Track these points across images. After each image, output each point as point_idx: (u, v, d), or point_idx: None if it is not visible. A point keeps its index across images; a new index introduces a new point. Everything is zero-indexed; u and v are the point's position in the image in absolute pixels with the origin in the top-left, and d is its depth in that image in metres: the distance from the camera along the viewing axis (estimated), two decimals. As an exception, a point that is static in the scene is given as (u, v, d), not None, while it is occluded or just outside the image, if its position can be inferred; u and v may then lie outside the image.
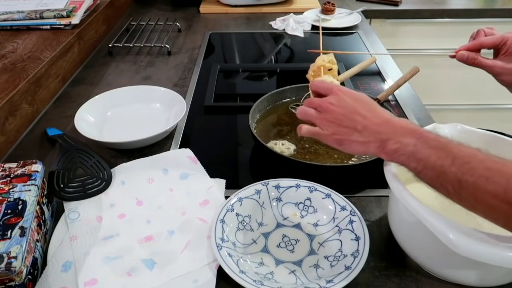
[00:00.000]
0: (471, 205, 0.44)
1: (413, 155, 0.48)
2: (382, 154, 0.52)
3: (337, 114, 0.54)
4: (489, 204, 0.42)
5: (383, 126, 0.52)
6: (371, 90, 1.01)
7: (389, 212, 0.61)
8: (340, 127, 0.54)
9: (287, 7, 1.56)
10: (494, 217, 0.43)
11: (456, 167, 0.44)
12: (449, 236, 0.45)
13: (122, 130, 0.86)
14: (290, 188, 0.67)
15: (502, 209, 0.41)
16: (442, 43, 1.70)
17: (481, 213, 0.44)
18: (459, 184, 0.44)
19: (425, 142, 0.48)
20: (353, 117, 0.53)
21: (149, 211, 0.66)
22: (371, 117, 0.53)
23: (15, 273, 0.48)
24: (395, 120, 0.52)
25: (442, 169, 0.45)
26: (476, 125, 0.65)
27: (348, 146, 0.54)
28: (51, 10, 1.13)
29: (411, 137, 0.49)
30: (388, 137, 0.50)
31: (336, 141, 0.55)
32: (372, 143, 0.52)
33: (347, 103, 0.54)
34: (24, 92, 0.87)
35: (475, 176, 0.43)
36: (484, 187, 0.42)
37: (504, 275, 0.51)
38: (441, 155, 0.46)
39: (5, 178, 0.59)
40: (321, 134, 0.56)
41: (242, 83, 1.14)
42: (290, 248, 0.61)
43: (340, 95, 0.55)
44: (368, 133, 0.52)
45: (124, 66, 1.16)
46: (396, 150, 0.50)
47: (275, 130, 0.84)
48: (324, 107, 0.55)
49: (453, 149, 0.46)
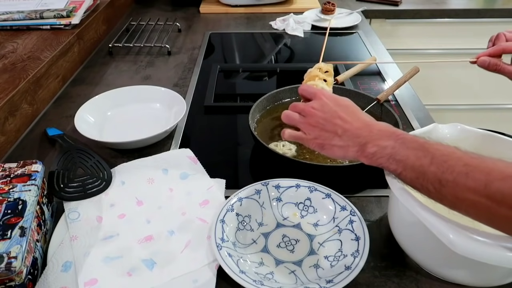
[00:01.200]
0: (453, 203, 0.44)
1: (392, 157, 0.48)
2: (361, 157, 0.52)
3: (319, 118, 0.55)
4: (470, 201, 0.42)
5: (362, 130, 0.52)
6: (371, 90, 1.01)
7: (389, 212, 0.61)
8: (322, 131, 0.54)
9: (287, 7, 1.56)
10: (477, 214, 0.43)
11: (435, 166, 0.44)
12: (449, 236, 0.44)
13: (122, 130, 0.86)
14: (290, 188, 0.67)
15: (483, 204, 0.41)
16: (442, 43, 1.70)
17: (463, 211, 0.44)
18: (439, 183, 0.44)
19: (403, 144, 0.48)
20: (334, 122, 0.54)
21: (149, 211, 0.66)
22: (351, 121, 0.53)
23: (15, 273, 0.48)
24: (374, 123, 0.53)
25: (422, 169, 0.45)
26: (476, 125, 0.65)
27: (329, 150, 0.55)
28: (51, 10, 1.13)
29: (388, 139, 0.50)
30: (367, 141, 0.51)
31: (317, 145, 0.55)
32: (351, 147, 0.52)
33: (329, 107, 0.55)
34: (24, 92, 0.87)
35: (455, 174, 0.43)
36: (464, 183, 0.42)
37: (504, 275, 0.51)
38: (419, 155, 0.46)
39: (5, 178, 0.59)
40: (304, 138, 0.57)
41: (242, 83, 1.14)
42: (290, 248, 0.61)
43: (323, 100, 0.56)
44: (348, 137, 0.53)
45: (124, 66, 1.16)
46: (375, 153, 0.50)
47: (275, 130, 0.84)
48: (307, 111, 0.56)
49: (430, 148, 0.46)
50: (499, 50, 0.73)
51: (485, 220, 0.43)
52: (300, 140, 0.58)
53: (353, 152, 0.52)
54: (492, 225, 0.43)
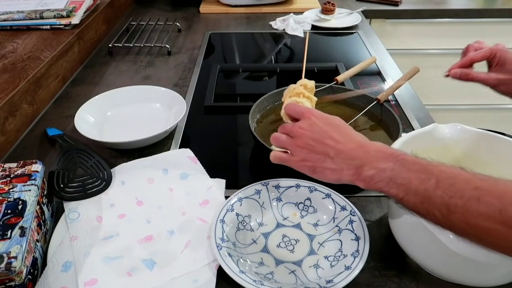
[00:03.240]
0: (463, 230, 0.40)
1: (392, 180, 0.45)
2: (358, 181, 0.48)
3: (308, 139, 0.51)
4: (483, 228, 0.39)
5: (357, 151, 0.48)
6: (371, 90, 1.01)
7: (389, 212, 0.61)
8: (312, 153, 0.50)
9: (287, 7, 1.56)
10: (490, 241, 0.39)
11: (442, 190, 0.41)
12: (449, 236, 0.45)
13: (122, 130, 0.86)
14: (290, 188, 0.67)
15: (498, 231, 0.38)
16: (442, 43, 1.70)
17: (475, 239, 0.40)
18: (447, 209, 0.40)
19: (403, 165, 0.45)
20: (325, 142, 0.50)
21: (149, 211, 0.66)
22: (344, 142, 0.50)
23: (15, 273, 0.48)
24: (369, 144, 0.49)
25: (427, 193, 0.42)
26: (476, 125, 0.65)
27: (321, 174, 0.50)
28: (51, 10, 1.13)
29: (387, 161, 0.46)
30: (363, 163, 0.47)
31: (308, 168, 0.51)
32: (345, 170, 0.49)
33: (319, 127, 0.51)
34: (24, 92, 0.87)
35: (465, 198, 0.39)
36: (476, 209, 0.39)
37: (503, 275, 0.51)
38: (422, 178, 0.43)
39: (5, 178, 0.59)
40: (291, 160, 0.53)
41: (242, 83, 1.14)
42: (290, 248, 0.61)
43: (312, 119, 0.52)
44: (341, 159, 0.49)
45: (124, 66, 1.16)
46: (372, 176, 0.46)
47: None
48: (295, 132, 0.52)
49: (434, 170, 0.43)
50: (467, 61, 0.77)
51: (499, 247, 0.39)
52: (287, 162, 0.53)
53: (348, 175, 0.48)
54: (508, 253, 0.39)
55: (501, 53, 0.74)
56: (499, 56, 0.74)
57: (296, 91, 0.66)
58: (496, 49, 0.74)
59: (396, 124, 0.78)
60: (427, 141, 0.61)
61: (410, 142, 0.59)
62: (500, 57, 0.74)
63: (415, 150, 0.53)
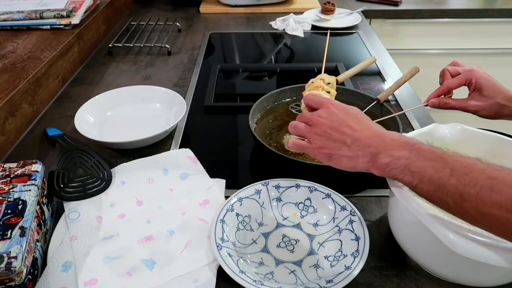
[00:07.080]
0: (475, 218, 0.41)
1: (407, 168, 0.46)
2: (373, 168, 0.49)
3: (326, 127, 0.52)
4: (495, 217, 0.39)
5: (373, 139, 0.50)
6: (371, 90, 1.01)
7: (389, 212, 0.61)
8: (329, 140, 0.52)
9: (287, 7, 1.56)
10: (502, 230, 0.40)
11: (456, 178, 0.42)
12: (449, 236, 0.44)
13: (122, 130, 0.86)
14: (290, 188, 0.67)
15: (510, 220, 0.39)
16: (442, 43, 1.70)
17: (486, 227, 0.41)
18: (460, 197, 0.41)
19: (419, 154, 0.46)
20: (342, 131, 0.51)
21: (149, 211, 0.66)
22: (360, 130, 0.51)
23: (15, 273, 0.48)
24: (386, 133, 0.50)
25: (441, 181, 0.43)
26: (476, 125, 0.65)
27: (337, 161, 0.52)
28: (51, 10, 1.13)
29: (403, 149, 0.47)
30: (379, 151, 0.48)
31: (324, 155, 0.53)
32: (361, 157, 0.50)
33: (337, 116, 0.52)
34: (24, 92, 0.87)
35: (478, 187, 0.40)
36: (489, 198, 0.39)
37: (503, 275, 0.51)
38: (437, 166, 0.43)
39: (5, 178, 0.59)
40: (309, 148, 0.54)
41: (242, 83, 1.14)
42: (290, 248, 0.61)
43: (330, 109, 0.53)
44: (357, 147, 0.50)
45: (124, 66, 1.16)
46: (388, 163, 0.47)
47: (275, 130, 0.84)
48: (314, 120, 0.53)
49: (449, 159, 0.44)
50: (444, 89, 0.77)
51: (510, 236, 0.40)
52: (304, 149, 0.55)
53: (363, 162, 0.50)
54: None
55: (476, 80, 0.74)
56: (474, 82, 0.74)
57: (315, 85, 0.67)
58: (470, 75, 0.75)
59: (396, 124, 0.78)
60: (427, 141, 0.61)
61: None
62: (476, 83, 0.74)
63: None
